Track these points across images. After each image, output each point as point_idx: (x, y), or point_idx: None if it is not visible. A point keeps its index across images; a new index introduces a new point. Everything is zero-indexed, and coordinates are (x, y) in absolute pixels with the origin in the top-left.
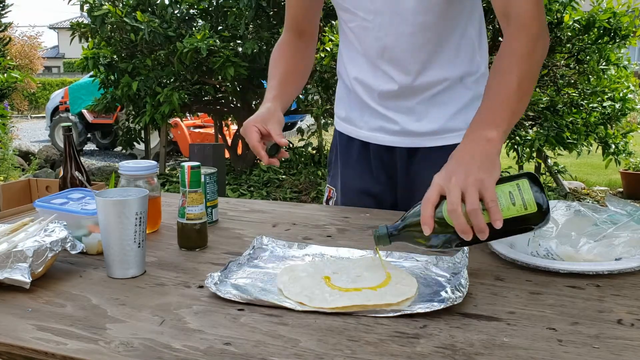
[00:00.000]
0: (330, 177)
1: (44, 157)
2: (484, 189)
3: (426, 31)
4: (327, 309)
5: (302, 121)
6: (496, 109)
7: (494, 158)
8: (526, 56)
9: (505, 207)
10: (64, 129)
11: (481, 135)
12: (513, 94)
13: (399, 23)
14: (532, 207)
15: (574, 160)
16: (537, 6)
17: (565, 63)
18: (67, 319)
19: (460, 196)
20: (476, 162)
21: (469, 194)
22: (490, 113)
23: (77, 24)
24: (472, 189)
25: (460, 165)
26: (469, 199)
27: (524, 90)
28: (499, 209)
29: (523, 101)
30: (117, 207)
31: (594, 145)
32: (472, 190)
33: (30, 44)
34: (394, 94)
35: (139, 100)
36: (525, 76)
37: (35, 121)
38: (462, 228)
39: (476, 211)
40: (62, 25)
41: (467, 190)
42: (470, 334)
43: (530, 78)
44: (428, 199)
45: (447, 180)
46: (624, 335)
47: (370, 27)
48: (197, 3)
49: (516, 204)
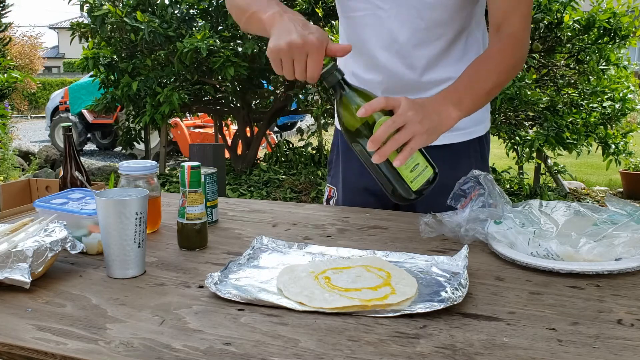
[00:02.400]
0: (331, 177)
1: (44, 157)
2: (416, 139)
3: (438, 28)
4: (327, 309)
5: (302, 121)
6: (468, 97)
7: (441, 132)
8: (511, 70)
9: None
10: (64, 129)
11: (448, 109)
12: (484, 94)
13: (414, 17)
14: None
15: (574, 160)
16: (528, 27)
17: (565, 63)
18: (67, 319)
19: (401, 125)
20: (432, 123)
21: (406, 130)
22: (464, 96)
23: (77, 24)
24: (411, 129)
25: (424, 113)
26: (402, 133)
27: (492, 94)
28: (407, 157)
29: (485, 102)
30: (117, 207)
31: (594, 146)
32: (409, 130)
33: (30, 44)
34: (397, 90)
35: (139, 100)
36: (499, 85)
37: (35, 121)
38: (377, 139)
39: (396, 142)
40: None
41: (407, 127)
42: (470, 334)
43: (501, 87)
44: (387, 99)
45: (408, 108)
46: (624, 335)
47: (384, 17)
48: (197, 3)
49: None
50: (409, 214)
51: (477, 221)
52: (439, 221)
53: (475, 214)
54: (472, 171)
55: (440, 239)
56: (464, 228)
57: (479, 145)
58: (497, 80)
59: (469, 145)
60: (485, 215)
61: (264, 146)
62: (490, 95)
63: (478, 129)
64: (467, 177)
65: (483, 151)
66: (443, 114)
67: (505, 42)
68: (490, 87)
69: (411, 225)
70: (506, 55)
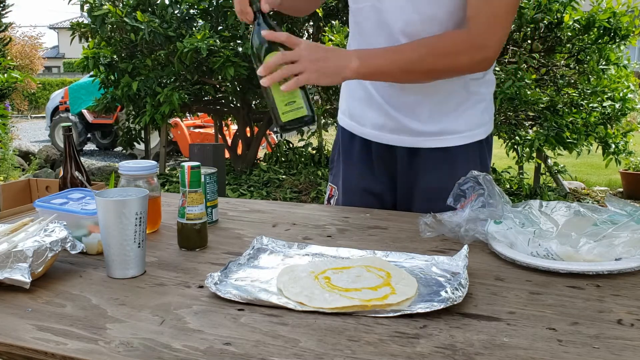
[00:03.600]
0: (332, 176)
1: (44, 157)
2: (304, 75)
3: (434, 24)
4: (327, 309)
5: None
6: (380, 59)
7: (336, 76)
8: (457, 67)
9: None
10: (64, 129)
11: (351, 60)
12: (404, 69)
13: (410, 11)
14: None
15: (574, 160)
16: (496, 32)
17: (565, 63)
18: (67, 319)
19: (292, 59)
20: (326, 65)
21: (297, 65)
22: (375, 57)
23: (77, 24)
24: (301, 64)
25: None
26: (293, 66)
27: (419, 76)
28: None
29: (404, 79)
30: (117, 207)
31: (594, 145)
32: (300, 66)
33: (31, 44)
34: (399, 87)
35: (139, 100)
36: (433, 70)
37: (35, 121)
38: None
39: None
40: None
41: (299, 62)
42: (470, 334)
43: (436, 74)
44: (290, 36)
45: (305, 47)
46: (623, 335)
47: (382, 10)
48: (197, 3)
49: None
50: (409, 214)
51: (477, 221)
52: (439, 221)
53: (475, 214)
54: (472, 172)
55: (440, 239)
56: (464, 228)
57: (479, 150)
58: (431, 63)
59: (468, 149)
60: (485, 215)
61: (264, 146)
62: (411, 75)
63: (478, 132)
64: (466, 178)
65: (483, 155)
66: (342, 61)
67: (467, 37)
68: (417, 65)
69: (411, 225)
70: (456, 44)
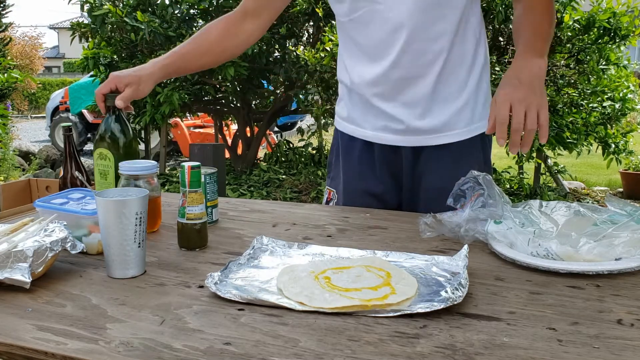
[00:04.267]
0: (330, 179)
1: (44, 157)
2: (542, 111)
3: (435, 10)
4: (327, 309)
5: (302, 121)
6: (539, 41)
7: (543, 83)
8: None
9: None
10: (64, 129)
11: (534, 62)
12: (549, 27)
13: (411, 3)
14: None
15: (574, 160)
16: None
17: (565, 63)
18: (67, 319)
19: (523, 115)
20: (536, 88)
21: (531, 114)
22: (537, 44)
23: (77, 24)
24: (533, 110)
25: (522, 88)
26: (530, 118)
27: (552, 33)
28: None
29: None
30: (117, 207)
31: (594, 145)
32: (533, 111)
33: (31, 44)
34: (397, 84)
35: (139, 100)
36: (553, 22)
37: (35, 121)
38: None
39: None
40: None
41: (530, 110)
42: (470, 334)
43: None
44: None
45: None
46: (623, 335)
47: (382, 10)
48: (197, 3)
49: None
50: (409, 214)
51: (477, 221)
52: (439, 221)
53: (475, 214)
54: (472, 172)
55: (440, 239)
56: (464, 228)
57: (482, 143)
58: (550, 19)
59: (471, 143)
60: (485, 215)
61: (264, 146)
62: (550, 35)
63: (480, 125)
64: (466, 178)
65: (485, 148)
66: (534, 70)
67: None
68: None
69: (411, 225)
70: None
